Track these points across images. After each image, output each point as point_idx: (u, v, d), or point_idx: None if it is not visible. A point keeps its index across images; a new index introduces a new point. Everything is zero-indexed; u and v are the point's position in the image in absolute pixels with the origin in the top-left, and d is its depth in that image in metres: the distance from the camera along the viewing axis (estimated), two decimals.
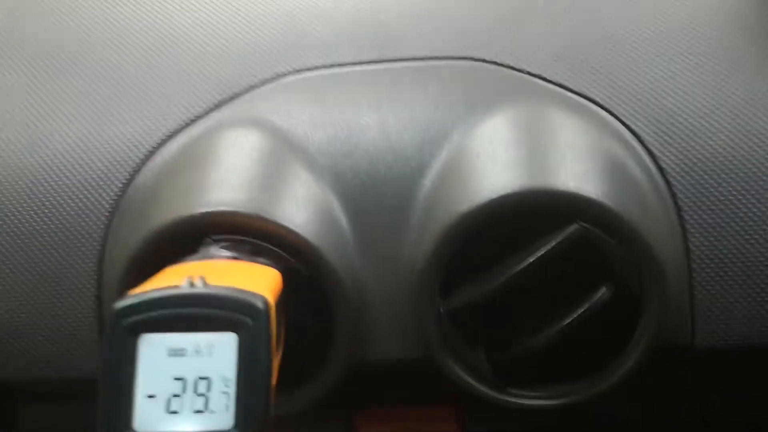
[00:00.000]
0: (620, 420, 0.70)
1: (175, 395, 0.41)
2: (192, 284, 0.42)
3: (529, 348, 0.55)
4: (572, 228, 0.53)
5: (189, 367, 0.41)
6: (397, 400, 0.67)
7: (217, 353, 0.41)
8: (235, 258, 0.51)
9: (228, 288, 0.42)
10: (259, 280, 0.46)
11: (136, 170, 0.59)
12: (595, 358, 0.56)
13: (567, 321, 0.54)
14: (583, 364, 0.56)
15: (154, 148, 0.60)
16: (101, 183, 0.59)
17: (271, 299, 0.43)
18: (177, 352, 0.41)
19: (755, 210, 0.57)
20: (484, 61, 0.62)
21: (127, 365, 0.41)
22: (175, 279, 0.44)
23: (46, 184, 0.60)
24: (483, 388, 0.57)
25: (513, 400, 0.57)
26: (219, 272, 0.47)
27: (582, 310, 0.54)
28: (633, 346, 0.55)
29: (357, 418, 0.68)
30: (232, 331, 0.41)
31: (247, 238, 0.54)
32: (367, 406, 0.68)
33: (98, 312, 0.59)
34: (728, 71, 0.60)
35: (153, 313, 0.41)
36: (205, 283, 0.42)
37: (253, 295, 0.42)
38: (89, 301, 0.58)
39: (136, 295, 0.42)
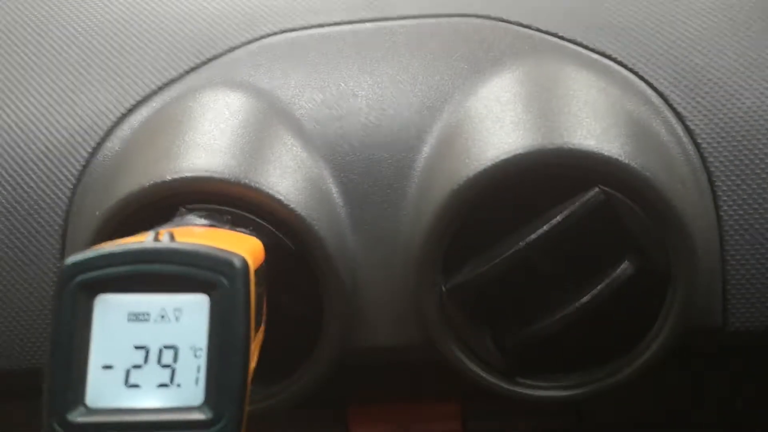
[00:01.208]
0: (636, 420, 0.65)
1: (136, 366, 0.36)
2: (157, 239, 0.37)
3: (542, 331, 0.50)
4: (592, 193, 0.47)
5: (152, 334, 0.36)
6: (393, 396, 0.62)
7: (185, 318, 0.36)
8: (212, 226, 0.45)
9: (199, 244, 0.36)
10: (237, 245, 0.40)
11: (104, 138, 0.54)
12: (616, 343, 0.51)
13: (585, 300, 0.49)
14: (603, 350, 0.51)
15: (123, 114, 0.55)
16: (65, 152, 0.54)
17: (251, 263, 0.37)
18: (138, 316, 0.36)
19: None
20: (489, 18, 0.57)
21: (80, 330, 0.36)
22: (139, 239, 0.38)
23: (9, 152, 0.55)
24: (490, 378, 0.52)
25: (525, 391, 0.52)
26: (192, 236, 0.41)
27: (602, 286, 0.49)
28: (658, 328, 0.50)
29: (349, 416, 0.62)
30: (204, 292, 0.36)
31: (226, 208, 0.48)
32: (360, 404, 0.62)
33: None
34: (760, 28, 0.55)
35: (111, 270, 0.36)
36: (172, 238, 0.37)
37: (229, 252, 0.36)
38: (51, 281, 0.53)
39: (92, 250, 0.36)
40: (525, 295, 0.50)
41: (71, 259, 0.36)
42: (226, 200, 0.48)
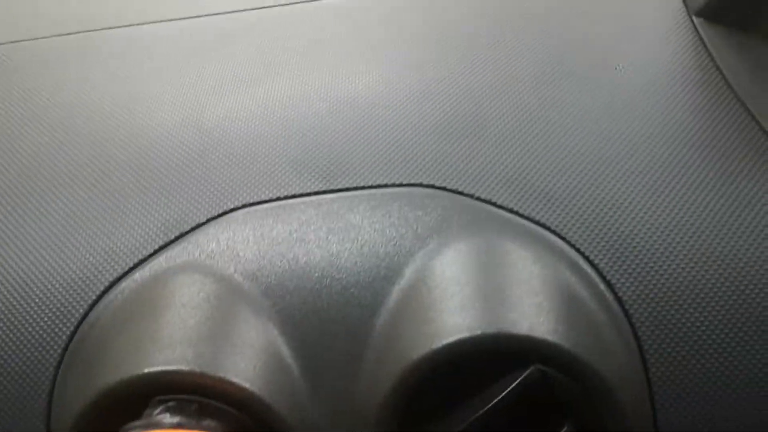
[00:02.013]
0: None
1: None
2: None
3: None
4: (528, 371, 0.51)
5: None
6: None
7: None
8: (179, 425, 0.49)
9: None
10: None
11: (82, 320, 0.58)
12: None
13: None
14: None
15: (99, 295, 0.58)
16: (47, 335, 0.58)
17: None
18: None
19: (714, 337, 0.55)
20: (434, 187, 0.60)
21: None
22: None
23: None
24: None
25: None
26: None
27: None
28: None
29: None
30: None
31: (194, 398, 0.52)
32: None
33: None
34: (682, 191, 0.58)
35: None
36: None
37: None
38: None
39: None
40: None
41: None
42: (193, 390, 0.52)
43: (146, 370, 0.52)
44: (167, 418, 0.49)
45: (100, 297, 0.58)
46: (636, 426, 0.53)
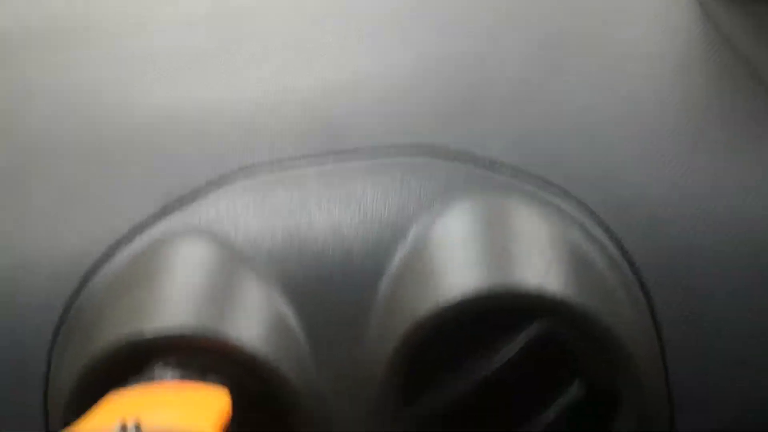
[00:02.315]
0: None
1: None
2: (124, 429, 0.40)
3: None
4: (537, 328, 0.50)
5: None
6: None
7: None
8: (182, 378, 0.48)
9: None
10: (204, 409, 0.43)
11: (78, 290, 0.57)
12: None
13: (538, 421, 0.52)
14: None
15: (96, 263, 0.57)
16: (44, 304, 0.57)
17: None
18: None
19: (724, 299, 0.54)
20: (436, 151, 0.59)
21: None
22: (111, 416, 0.41)
23: None
24: None
25: None
26: (161, 402, 0.44)
27: (553, 408, 0.51)
28: None
29: None
30: None
31: (196, 356, 0.51)
32: None
33: None
34: (690, 152, 0.58)
35: None
36: (137, 429, 0.39)
37: None
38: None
39: None
40: (483, 415, 0.53)
41: None
42: (196, 351, 0.51)
43: (146, 332, 0.51)
44: (169, 375, 0.48)
45: (97, 264, 0.57)
46: (648, 385, 0.52)
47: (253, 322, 0.53)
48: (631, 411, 0.52)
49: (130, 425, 0.40)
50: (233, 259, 0.56)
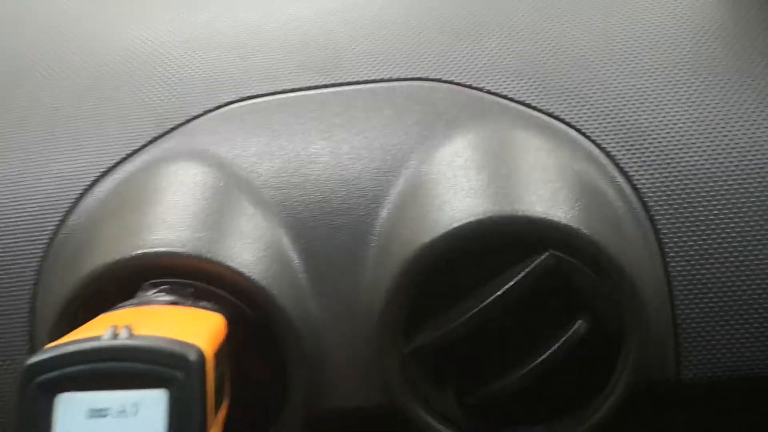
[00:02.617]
0: None
1: None
2: (115, 335, 0.38)
3: (501, 390, 0.51)
4: (542, 257, 0.49)
5: (112, 429, 0.37)
6: None
7: (144, 413, 0.37)
8: (174, 303, 0.46)
9: (156, 338, 0.38)
10: (197, 328, 0.41)
11: (70, 210, 0.55)
12: (574, 397, 0.52)
13: (541, 358, 0.50)
14: (562, 404, 0.52)
15: (88, 186, 0.56)
16: (31, 226, 0.55)
17: (210, 349, 0.39)
18: (98, 413, 0.37)
19: (737, 229, 0.53)
20: (440, 81, 0.58)
21: (41, 429, 0.36)
22: (101, 329, 0.39)
23: None
24: None
25: None
26: (153, 320, 0.42)
27: (557, 345, 0.50)
28: (614, 383, 0.51)
29: None
30: (161, 387, 0.37)
31: (189, 281, 0.49)
32: None
33: None
34: (703, 85, 0.56)
35: (69, 370, 0.37)
36: (130, 334, 0.38)
37: (185, 345, 0.38)
38: (20, 356, 0.53)
39: (50, 349, 0.37)
40: (484, 354, 0.51)
41: (31, 360, 0.37)
42: (189, 273, 0.49)
43: (136, 252, 0.49)
44: (161, 297, 0.46)
45: (89, 187, 0.56)
46: (654, 320, 0.50)
47: (248, 246, 0.51)
48: (635, 349, 0.50)
49: (122, 330, 0.38)
50: (229, 183, 0.54)
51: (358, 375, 0.53)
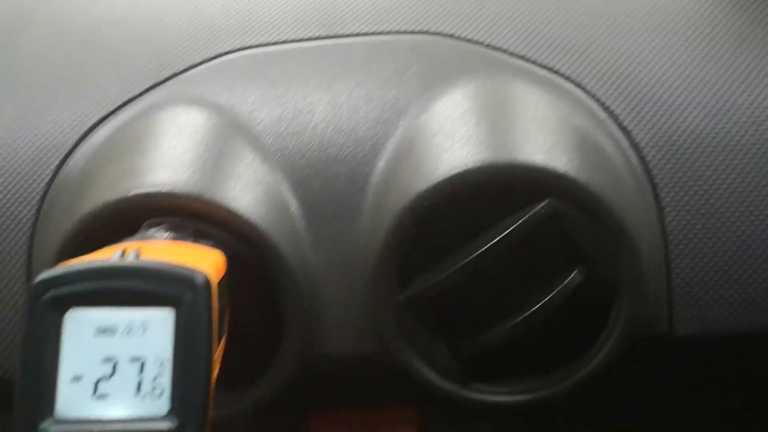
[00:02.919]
0: (588, 426, 0.66)
1: (104, 378, 0.37)
2: (124, 256, 0.38)
3: (495, 339, 0.51)
4: (541, 206, 0.49)
5: (120, 347, 0.37)
6: (352, 402, 0.63)
7: (151, 332, 0.37)
8: (175, 239, 0.46)
9: (163, 262, 0.38)
10: (201, 259, 0.42)
11: (69, 154, 0.55)
12: (567, 350, 0.52)
13: (536, 308, 0.50)
14: (555, 357, 0.53)
15: (87, 131, 0.56)
16: (31, 168, 0.55)
17: (214, 277, 0.39)
18: (106, 330, 0.37)
19: (735, 186, 0.53)
20: (441, 34, 0.58)
21: (50, 344, 0.37)
22: (107, 254, 0.39)
23: None
24: (446, 385, 0.53)
25: (479, 397, 0.53)
26: (158, 250, 0.43)
27: (552, 296, 0.50)
28: (607, 335, 0.51)
29: (309, 423, 0.63)
30: (169, 306, 0.37)
31: (189, 221, 0.49)
32: (320, 411, 0.63)
33: None
34: (705, 44, 0.57)
35: (79, 286, 0.37)
36: (138, 256, 0.38)
37: (192, 269, 0.38)
38: (18, 295, 0.53)
39: (61, 267, 0.37)
40: (479, 303, 0.52)
41: (42, 275, 0.37)
42: (188, 214, 0.49)
43: (136, 192, 0.49)
44: (162, 234, 0.46)
45: (87, 132, 0.56)
46: (649, 274, 0.51)
47: (247, 190, 0.51)
48: (629, 301, 0.51)
49: (130, 252, 0.38)
50: (228, 129, 0.54)
51: (353, 322, 0.53)
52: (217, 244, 0.48)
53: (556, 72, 0.56)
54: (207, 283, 0.38)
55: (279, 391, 0.52)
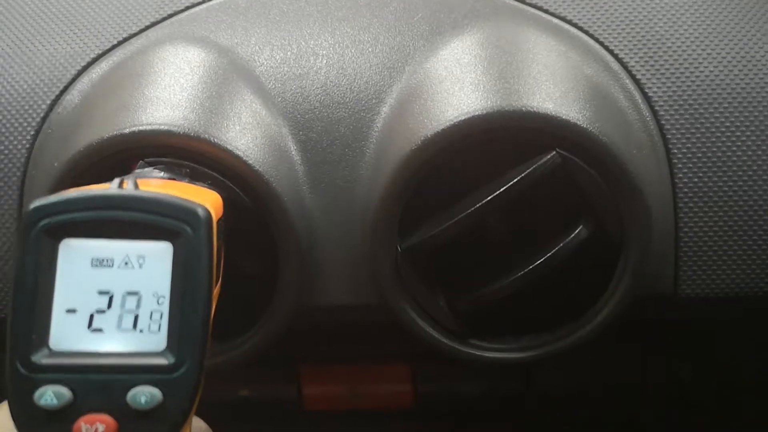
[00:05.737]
0: (584, 387, 0.66)
1: (99, 311, 0.36)
2: (122, 187, 0.37)
3: (494, 293, 0.50)
4: (549, 156, 0.48)
5: (116, 280, 0.36)
6: (345, 357, 0.62)
7: (148, 265, 0.36)
8: (171, 179, 0.45)
9: (163, 193, 0.37)
10: (199, 196, 0.40)
11: (64, 90, 0.54)
12: (568, 308, 0.51)
13: (538, 263, 0.49)
14: (555, 314, 0.52)
15: (83, 67, 0.54)
16: (25, 104, 0.53)
17: (213, 214, 0.38)
18: (102, 262, 0.36)
19: (749, 144, 0.52)
20: None
21: (44, 274, 0.36)
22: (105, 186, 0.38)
23: None
24: (442, 339, 0.52)
25: (476, 353, 0.52)
26: (154, 186, 0.41)
27: (556, 250, 0.49)
28: (611, 293, 0.50)
29: (301, 376, 0.62)
30: (167, 240, 0.36)
31: (185, 162, 0.48)
32: (312, 364, 0.62)
33: None
34: (720, 1, 0.55)
35: (75, 215, 0.36)
36: (136, 186, 0.37)
37: (193, 202, 0.37)
38: (10, 232, 0.52)
39: (56, 195, 0.36)
40: (480, 257, 0.50)
41: (36, 203, 0.36)
42: (185, 154, 0.48)
43: (132, 129, 0.47)
44: (158, 174, 0.45)
45: (84, 68, 0.54)
46: (656, 230, 0.50)
47: (246, 132, 0.50)
48: (635, 257, 0.49)
49: (128, 183, 0.37)
50: (229, 69, 0.53)
51: (350, 272, 0.52)
52: (213, 186, 0.47)
53: (568, 21, 0.55)
54: (209, 216, 0.36)
55: (273, 340, 0.51)
